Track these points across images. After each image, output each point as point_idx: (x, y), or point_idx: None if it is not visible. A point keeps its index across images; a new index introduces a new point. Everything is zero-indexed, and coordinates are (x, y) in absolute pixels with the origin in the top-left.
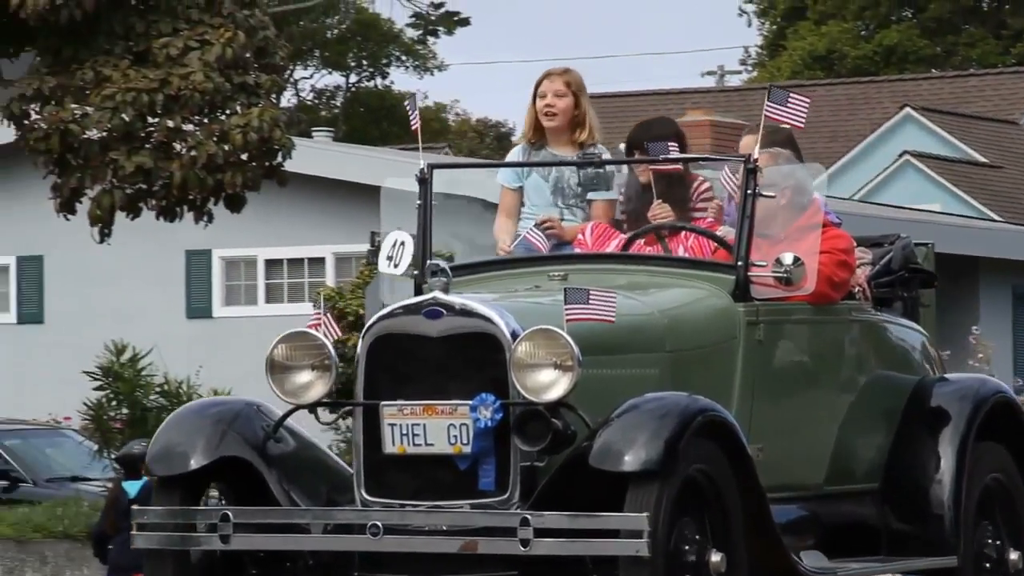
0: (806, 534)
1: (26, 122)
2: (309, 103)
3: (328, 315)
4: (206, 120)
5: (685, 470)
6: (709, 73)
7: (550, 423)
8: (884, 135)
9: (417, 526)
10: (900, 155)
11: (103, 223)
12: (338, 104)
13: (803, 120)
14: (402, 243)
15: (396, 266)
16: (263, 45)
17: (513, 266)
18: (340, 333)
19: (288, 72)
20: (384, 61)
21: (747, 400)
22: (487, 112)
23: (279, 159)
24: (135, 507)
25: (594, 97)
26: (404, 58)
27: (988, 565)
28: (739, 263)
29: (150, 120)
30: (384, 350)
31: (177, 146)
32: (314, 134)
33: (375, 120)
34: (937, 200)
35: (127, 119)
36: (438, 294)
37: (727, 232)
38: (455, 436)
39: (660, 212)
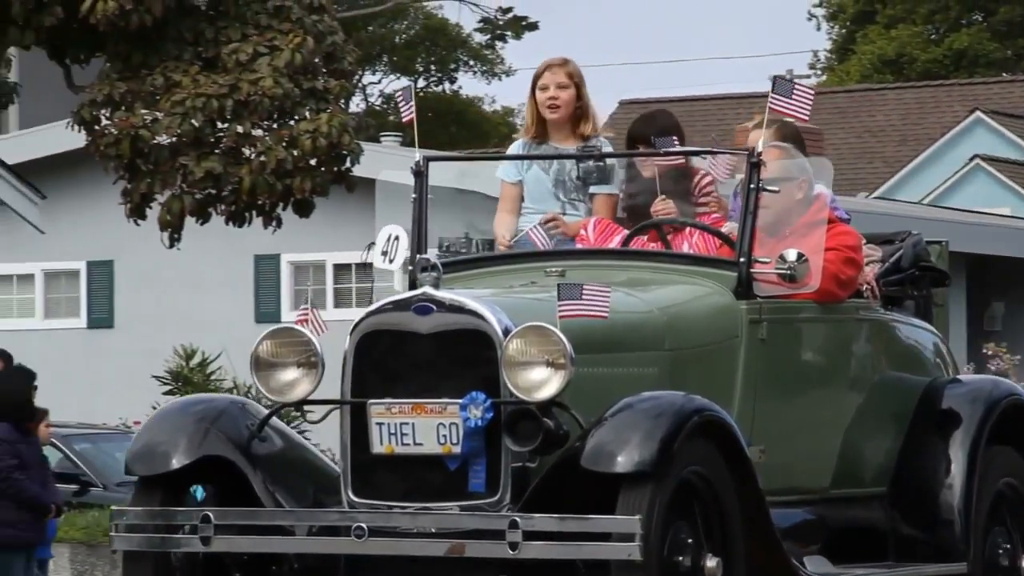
0: (810, 539)
1: (97, 128)
2: (377, 108)
3: (315, 311)
4: (275, 125)
5: (680, 472)
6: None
7: (541, 423)
8: (954, 139)
9: (404, 528)
10: (971, 159)
11: (173, 228)
12: None
13: (808, 112)
14: (396, 237)
15: (391, 261)
16: (332, 50)
17: (510, 261)
18: (327, 328)
19: (356, 77)
20: (452, 66)
21: (749, 400)
22: None
23: (347, 164)
24: (113, 507)
25: (661, 102)
26: (472, 63)
27: (999, 572)
28: (741, 259)
29: (220, 125)
30: (372, 347)
31: (246, 151)
32: (382, 139)
33: (443, 125)
34: (1007, 204)
35: (197, 124)
36: (428, 289)
37: (732, 228)
38: (445, 436)
39: (663, 208)
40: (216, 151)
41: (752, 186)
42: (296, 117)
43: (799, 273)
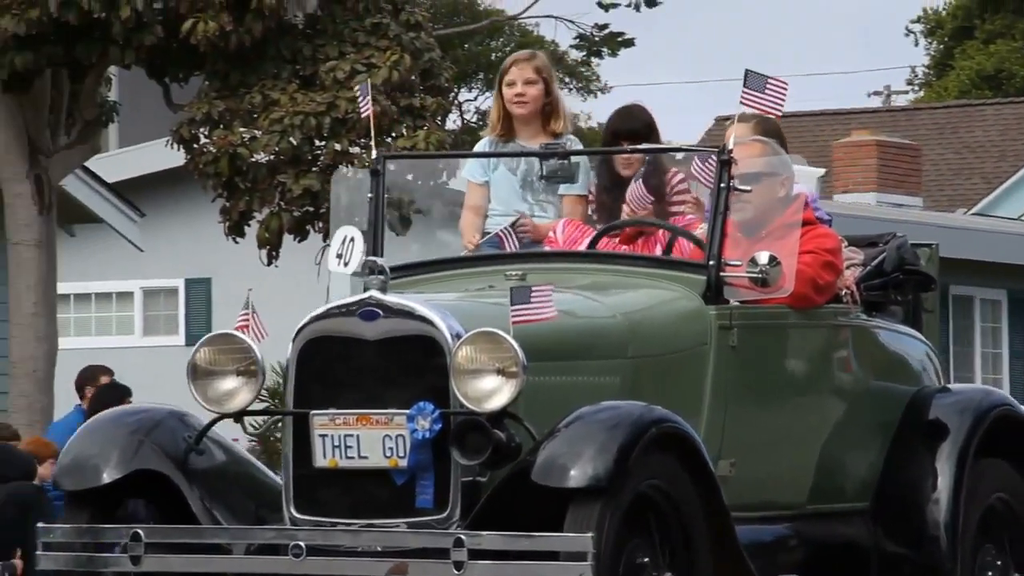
0: (785, 557)
1: (195, 146)
2: (473, 125)
3: (256, 315)
4: (372, 143)
5: (636, 486)
6: (875, 93)
7: (491, 435)
8: None
9: (345, 547)
10: None
11: (271, 246)
12: None
13: (781, 107)
14: (351, 239)
15: (346, 264)
16: (428, 67)
17: (471, 264)
18: (267, 334)
19: (453, 94)
20: None
21: (719, 411)
22: None
23: (444, 179)
24: (40, 524)
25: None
26: (568, 80)
27: None
28: (710, 262)
29: (317, 143)
30: (316, 354)
31: (344, 168)
32: None
33: None
34: None
35: (295, 142)
36: (375, 293)
37: (706, 231)
38: (391, 448)
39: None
40: (314, 169)
41: (722, 185)
42: (393, 134)
43: (771, 277)
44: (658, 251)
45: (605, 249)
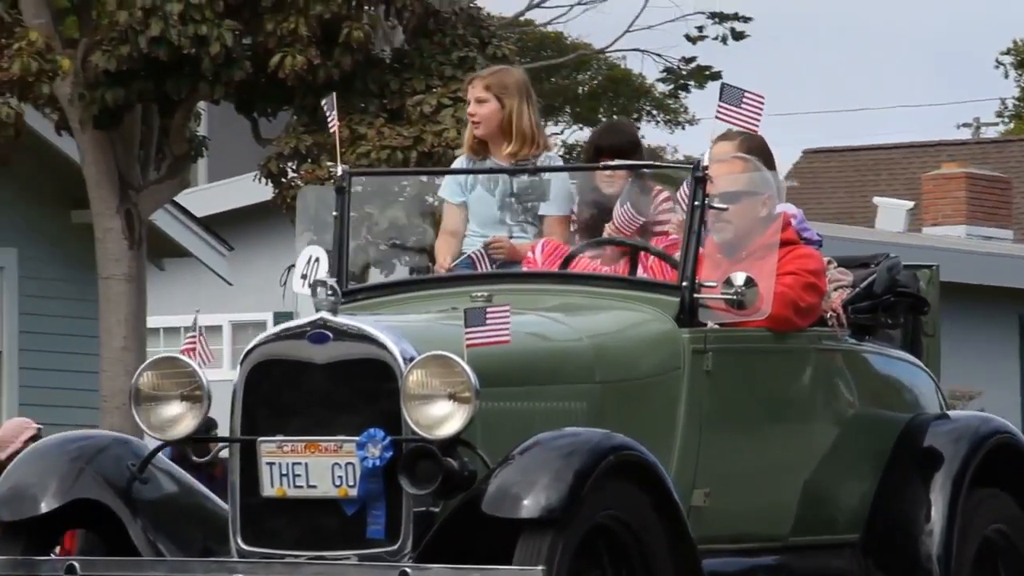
0: None
1: (283, 180)
2: (560, 157)
3: (203, 338)
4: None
5: (592, 517)
6: (964, 125)
7: (441, 463)
8: None
9: None
10: None
11: (358, 278)
12: None
13: (758, 123)
14: (316, 259)
15: (310, 285)
16: None
17: (438, 285)
18: (213, 357)
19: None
20: (635, 116)
21: (693, 438)
22: None
23: None
24: None
25: (846, 151)
26: (655, 112)
27: None
28: (683, 283)
29: None
30: (264, 379)
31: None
32: None
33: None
34: None
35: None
36: (325, 315)
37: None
38: (340, 477)
39: (615, 230)
40: (400, 200)
41: (696, 203)
42: None
43: (748, 299)
44: (641, 274)
45: (584, 270)
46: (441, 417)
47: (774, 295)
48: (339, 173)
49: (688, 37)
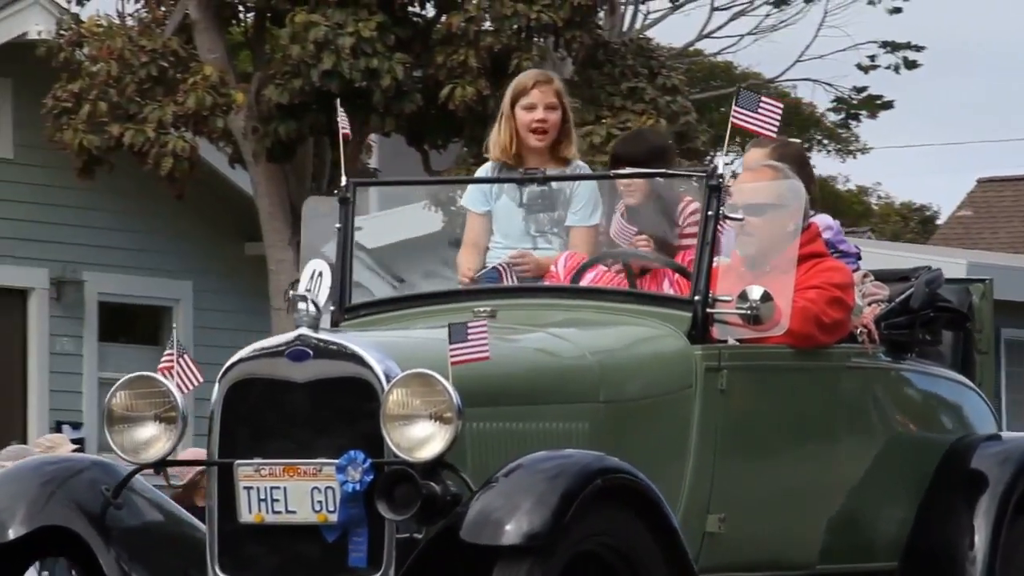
0: None
1: (453, 209)
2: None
3: (186, 356)
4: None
5: (578, 543)
6: None
7: (420, 487)
8: None
9: None
10: None
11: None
12: None
13: (774, 128)
14: (319, 274)
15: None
16: (684, 131)
17: (443, 301)
18: (201, 379)
19: (709, 157)
20: (806, 145)
21: (707, 461)
22: (910, 195)
23: None
24: None
25: (1021, 180)
26: (826, 141)
27: None
28: (696, 297)
29: None
30: (243, 399)
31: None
32: None
33: None
34: None
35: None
36: (305, 331)
37: (724, 262)
38: (320, 502)
39: (642, 245)
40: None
41: (710, 213)
42: None
43: (763, 314)
44: (667, 288)
45: (603, 284)
46: (422, 439)
47: (796, 310)
48: (343, 183)
49: (860, 66)
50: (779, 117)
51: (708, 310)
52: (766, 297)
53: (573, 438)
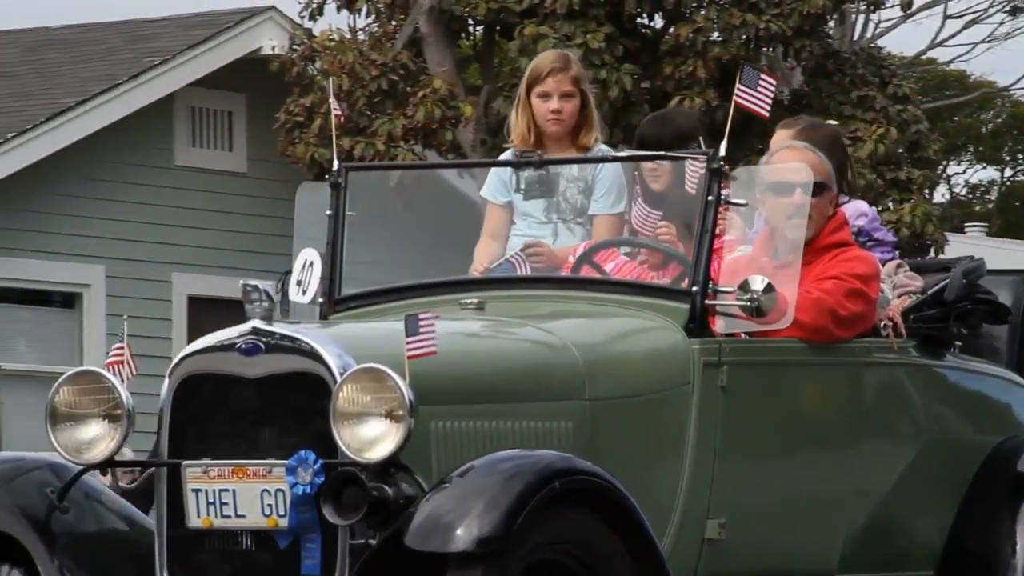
0: None
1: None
2: (962, 198)
3: (130, 350)
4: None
5: (536, 550)
6: None
7: (368, 489)
8: None
9: None
10: None
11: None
12: (992, 199)
13: (767, 107)
14: (311, 263)
15: (304, 292)
16: (916, 140)
17: (434, 292)
18: (136, 370)
19: (941, 167)
20: None
21: (705, 463)
22: None
23: (931, 254)
24: None
25: None
26: None
27: None
28: (694, 288)
29: None
30: (192, 395)
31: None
32: (966, 229)
33: None
34: None
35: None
36: (257, 324)
37: (745, 253)
38: (270, 505)
39: (664, 233)
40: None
41: (710, 197)
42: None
43: (766, 305)
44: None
45: (620, 276)
46: (373, 438)
47: (809, 301)
48: (335, 167)
49: None
50: (772, 94)
51: (707, 302)
52: (769, 287)
53: (555, 438)
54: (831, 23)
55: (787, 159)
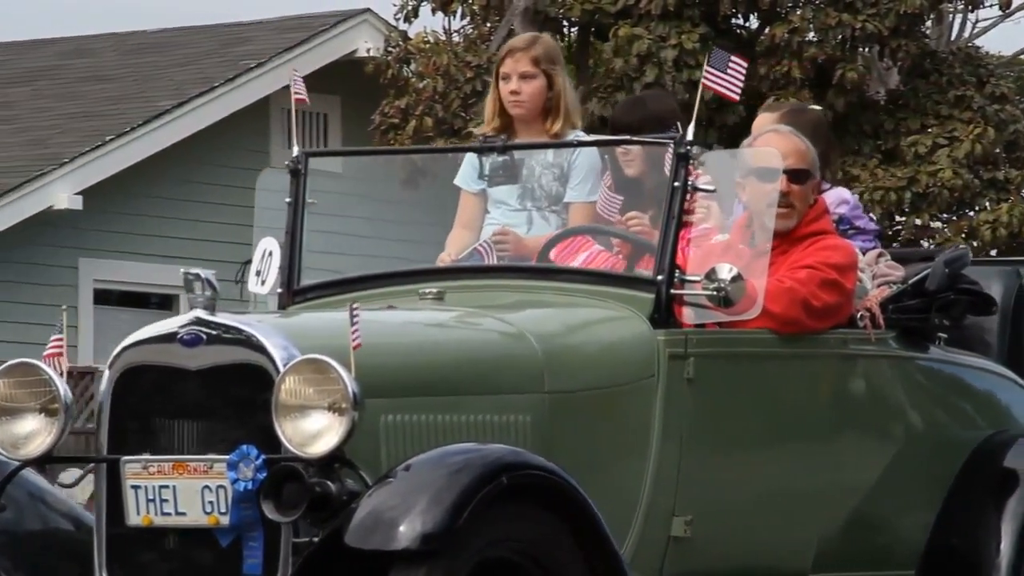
0: None
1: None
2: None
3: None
4: (954, 217)
5: (484, 548)
6: None
7: (309, 485)
8: None
9: None
10: None
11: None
12: None
13: (738, 91)
14: (270, 253)
15: (263, 283)
16: (1013, 139)
17: (395, 282)
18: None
19: None
20: None
21: (671, 458)
22: None
23: None
24: None
25: None
26: None
27: None
28: (659, 276)
29: (897, 218)
30: (133, 388)
31: (924, 244)
32: None
33: None
34: None
35: (875, 218)
36: (199, 313)
37: (723, 240)
38: (211, 502)
39: (634, 221)
40: (893, 245)
41: (677, 184)
42: (975, 208)
43: (734, 295)
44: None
45: (596, 266)
46: (316, 432)
47: (781, 291)
48: (295, 153)
49: None
50: (743, 77)
51: (673, 291)
52: (738, 276)
53: (512, 432)
54: (928, 23)
55: (771, 144)
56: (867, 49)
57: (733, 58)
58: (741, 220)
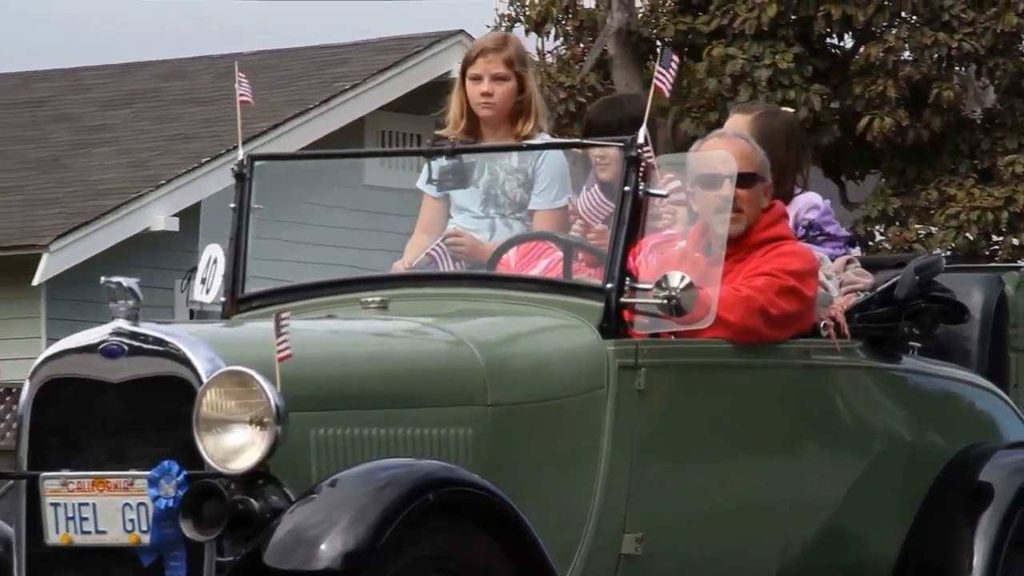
0: None
1: (871, 243)
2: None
3: None
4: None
5: (410, 568)
6: None
7: (226, 503)
8: None
9: None
10: None
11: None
12: None
13: (669, 86)
14: (215, 260)
15: (208, 291)
16: None
17: (341, 290)
18: None
19: None
20: None
21: (620, 472)
22: None
23: None
24: None
25: None
26: None
27: None
28: (608, 284)
29: (994, 238)
30: (54, 401)
31: (1021, 264)
32: None
33: None
34: None
35: (971, 238)
36: (121, 323)
37: (682, 248)
38: (132, 520)
39: (598, 235)
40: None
41: (627, 188)
42: None
43: (685, 303)
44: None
45: (557, 274)
46: (238, 447)
47: (737, 299)
48: (240, 157)
49: None
50: (675, 71)
51: (624, 299)
52: (689, 284)
53: (453, 447)
54: None
55: (715, 148)
56: (963, 68)
57: (674, 56)
58: (697, 227)
